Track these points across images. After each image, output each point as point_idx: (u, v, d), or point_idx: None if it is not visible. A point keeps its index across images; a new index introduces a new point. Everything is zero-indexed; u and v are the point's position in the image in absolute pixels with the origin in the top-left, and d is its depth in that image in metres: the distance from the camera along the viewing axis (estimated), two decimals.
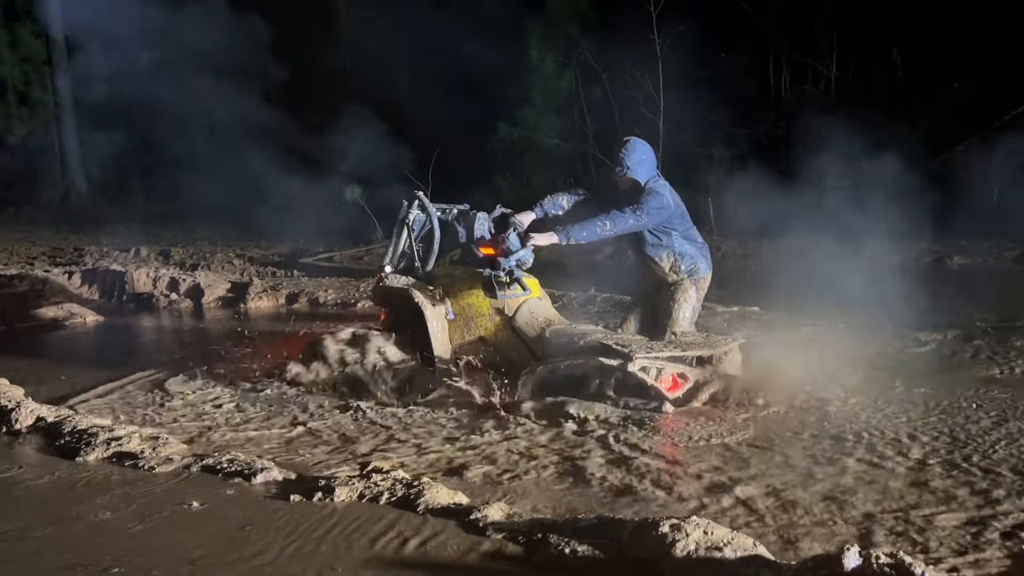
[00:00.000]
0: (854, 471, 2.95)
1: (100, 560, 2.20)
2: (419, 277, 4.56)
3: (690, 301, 4.41)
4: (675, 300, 4.40)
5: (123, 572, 2.13)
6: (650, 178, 4.34)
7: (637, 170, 4.31)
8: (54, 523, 2.47)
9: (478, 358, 4.35)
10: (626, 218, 4.20)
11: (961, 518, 2.51)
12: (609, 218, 4.18)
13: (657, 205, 4.24)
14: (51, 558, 2.24)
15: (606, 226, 4.18)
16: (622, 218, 4.19)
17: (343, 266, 12.26)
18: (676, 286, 4.42)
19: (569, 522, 2.35)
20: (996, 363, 4.57)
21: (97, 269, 8.67)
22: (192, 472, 2.87)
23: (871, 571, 1.77)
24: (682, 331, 4.31)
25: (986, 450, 3.15)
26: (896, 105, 13.57)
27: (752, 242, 12.27)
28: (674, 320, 4.35)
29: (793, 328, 5.71)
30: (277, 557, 2.21)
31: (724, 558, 1.98)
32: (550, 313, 4.48)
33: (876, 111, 13.71)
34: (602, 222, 4.18)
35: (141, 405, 4.16)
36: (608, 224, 4.18)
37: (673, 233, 4.38)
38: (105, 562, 2.19)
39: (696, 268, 4.43)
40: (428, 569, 2.12)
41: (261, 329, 6.59)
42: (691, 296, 4.42)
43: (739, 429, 3.49)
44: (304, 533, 2.35)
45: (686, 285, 4.41)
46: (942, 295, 7.39)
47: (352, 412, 3.91)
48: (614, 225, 4.19)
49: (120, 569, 2.15)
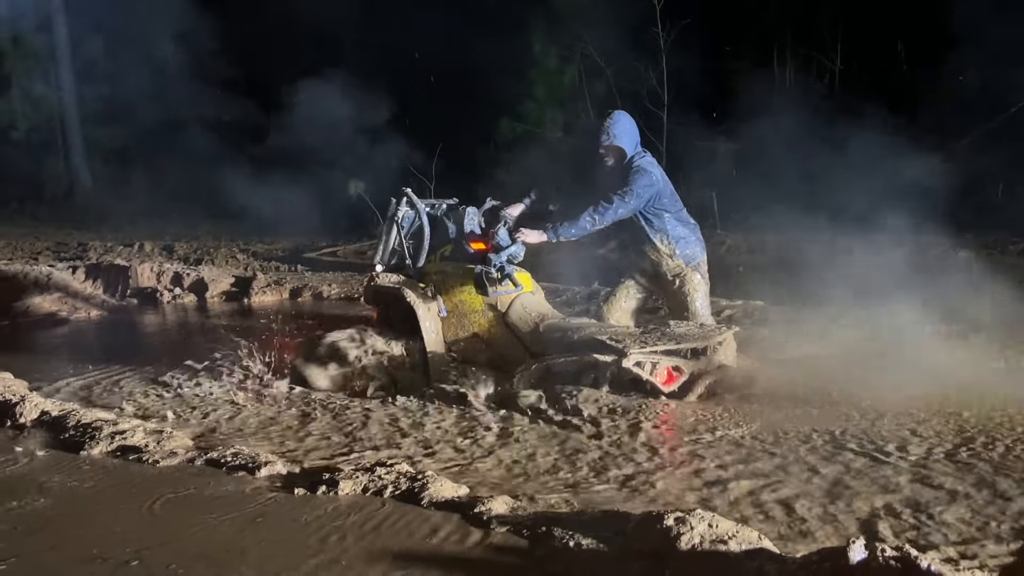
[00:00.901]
0: (859, 465, 2.94)
1: (121, 553, 2.21)
2: (410, 275, 4.54)
3: (700, 289, 4.41)
4: (686, 294, 4.40)
5: (143, 566, 2.14)
6: (636, 153, 4.31)
7: (623, 138, 4.27)
8: (68, 516, 2.48)
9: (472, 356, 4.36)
10: (615, 207, 4.15)
11: (967, 513, 2.50)
12: (597, 211, 4.14)
13: (646, 183, 4.20)
14: (70, 552, 2.24)
15: (595, 220, 4.15)
16: (611, 208, 4.15)
17: (346, 261, 12.27)
18: (680, 279, 4.41)
19: (573, 515, 2.35)
20: (1003, 355, 4.55)
21: (101, 264, 8.68)
22: (197, 466, 2.87)
23: (877, 565, 1.76)
24: (704, 319, 4.36)
25: (993, 444, 3.13)
26: (901, 98, 13.51)
27: (756, 236, 12.25)
28: (694, 314, 4.37)
29: (798, 322, 5.69)
30: (285, 550, 2.21)
31: (729, 551, 1.97)
32: (544, 308, 4.46)
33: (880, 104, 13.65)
34: (591, 216, 4.14)
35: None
36: (597, 217, 4.14)
37: (665, 215, 4.34)
38: (126, 555, 2.20)
39: (693, 254, 4.42)
40: (433, 562, 2.12)
41: (265, 324, 6.59)
42: (699, 283, 4.41)
43: (743, 422, 3.48)
44: (309, 527, 2.35)
45: (689, 275, 4.40)
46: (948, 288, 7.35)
47: (350, 408, 3.91)
48: (603, 216, 4.15)
49: (140, 563, 2.15)
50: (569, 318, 4.48)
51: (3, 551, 2.24)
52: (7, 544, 2.29)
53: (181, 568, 2.12)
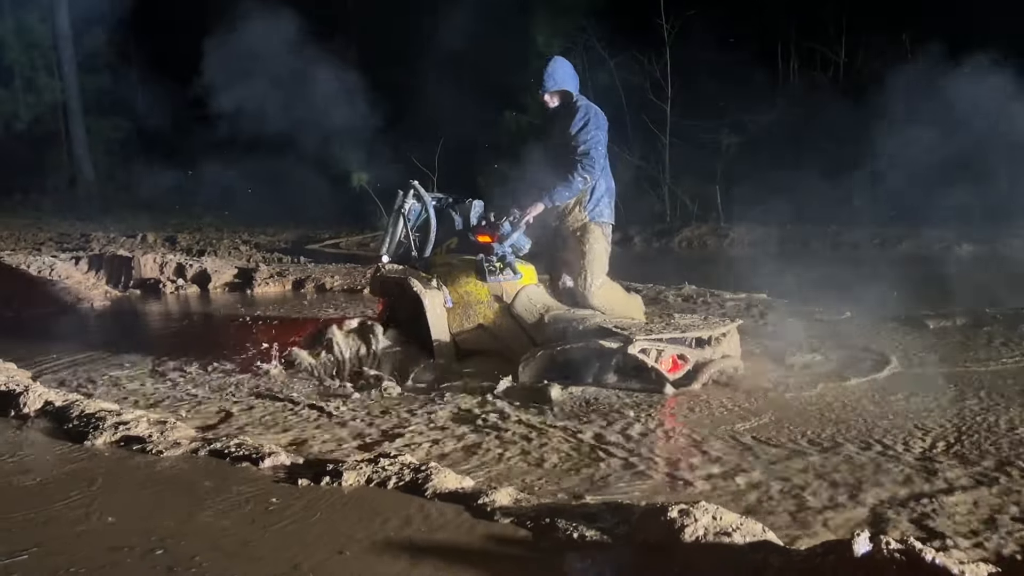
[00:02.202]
0: (863, 457, 2.93)
1: (146, 541, 2.22)
2: (416, 266, 4.57)
3: (598, 245, 4.34)
4: (584, 250, 4.34)
5: (168, 555, 2.14)
6: (578, 96, 4.35)
7: (568, 80, 4.32)
8: (88, 507, 2.48)
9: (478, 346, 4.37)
10: (592, 155, 4.15)
11: (972, 505, 2.50)
12: (584, 167, 4.14)
13: (599, 122, 4.22)
14: (95, 540, 2.25)
15: (585, 177, 4.17)
16: (589, 158, 4.14)
17: (349, 252, 12.27)
18: (582, 231, 4.35)
19: (577, 507, 2.35)
20: (1008, 348, 4.55)
21: (104, 255, 8.68)
22: (200, 456, 2.88)
23: (881, 557, 1.76)
24: (599, 283, 4.30)
25: (998, 437, 3.13)
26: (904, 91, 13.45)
27: (760, 228, 12.22)
28: (584, 269, 4.31)
29: (802, 315, 5.69)
30: (289, 541, 2.22)
31: (733, 543, 1.97)
32: (548, 299, 4.47)
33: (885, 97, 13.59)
34: (580, 173, 4.15)
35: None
36: (587, 175, 4.17)
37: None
38: (151, 543, 2.21)
39: (601, 211, 4.36)
40: (436, 554, 2.12)
41: (269, 314, 6.60)
42: (598, 239, 4.35)
43: (747, 414, 3.48)
44: (312, 518, 2.35)
45: (592, 228, 4.35)
46: (952, 282, 7.35)
47: (352, 398, 3.92)
48: (592, 168, 4.17)
49: (164, 552, 2.16)
50: (574, 309, 4.48)
51: (23, 540, 2.25)
52: (26, 532, 2.30)
53: (202, 558, 2.13)
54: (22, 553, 2.16)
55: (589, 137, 4.18)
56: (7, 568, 2.09)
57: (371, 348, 4.33)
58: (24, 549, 2.19)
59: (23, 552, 2.17)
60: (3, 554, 2.16)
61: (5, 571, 2.08)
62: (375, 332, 4.37)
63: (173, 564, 2.09)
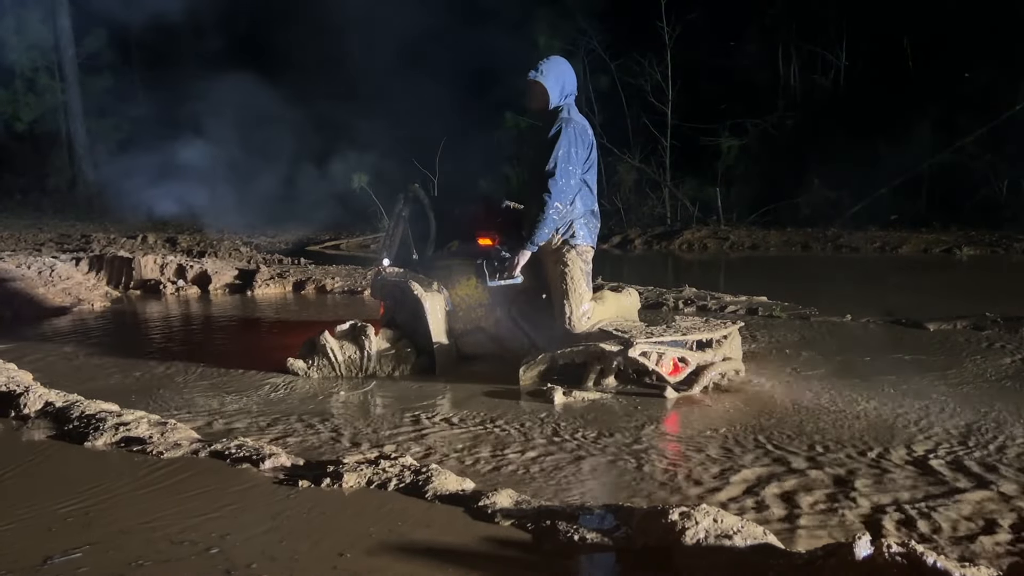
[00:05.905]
0: (862, 460, 2.93)
1: (207, 538, 2.22)
2: (417, 269, 4.57)
3: (576, 270, 4.13)
4: (562, 273, 4.14)
5: (224, 556, 2.14)
6: (565, 104, 4.14)
7: (549, 78, 4.11)
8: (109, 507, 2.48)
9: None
10: (560, 186, 3.97)
11: (971, 509, 2.49)
12: (554, 198, 3.97)
13: (574, 140, 4.00)
14: (139, 538, 2.25)
15: (558, 207, 4.01)
16: (557, 186, 3.96)
17: (350, 254, 12.27)
18: (558, 255, 4.15)
19: (577, 509, 2.34)
20: (1008, 352, 4.55)
21: (104, 256, 8.68)
22: (200, 458, 2.87)
23: (882, 560, 1.75)
24: (583, 311, 4.14)
25: (1000, 442, 3.12)
26: (906, 95, 13.48)
27: (759, 232, 12.23)
28: (565, 293, 4.13)
29: (800, 317, 5.69)
30: (289, 536, 2.21)
31: (734, 546, 1.97)
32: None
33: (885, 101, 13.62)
34: (552, 207, 3.99)
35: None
36: (559, 204, 4.00)
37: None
38: (211, 540, 2.21)
39: (578, 235, 4.13)
40: (437, 556, 2.11)
41: (269, 316, 6.60)
42: (574, 261, 4.13)
43: (748, 416, 3.47)
44: (313, 519, 2.35)
45: (568, 254, 4.13)
46: (951, 286, 7.35)
47: (351, 400, 3.91)
48: (563, 196, 4.01)
49: (219, 550, 2.16)
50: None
51: (70, 539, 2.24)
52: (72, 533, 2.29)
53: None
54: (75, 551, 2.16)
55: (559, 154, 3.98)
56: (72, 563, 2.09)
57: (365, 350, 4.32)
58: (75, 548, 2.18)
59: (75, 551, 2.16)
60: (57, 551, 2.15)
61: (70, 566, 2.08)
62: (367, 333, 4.36)
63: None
